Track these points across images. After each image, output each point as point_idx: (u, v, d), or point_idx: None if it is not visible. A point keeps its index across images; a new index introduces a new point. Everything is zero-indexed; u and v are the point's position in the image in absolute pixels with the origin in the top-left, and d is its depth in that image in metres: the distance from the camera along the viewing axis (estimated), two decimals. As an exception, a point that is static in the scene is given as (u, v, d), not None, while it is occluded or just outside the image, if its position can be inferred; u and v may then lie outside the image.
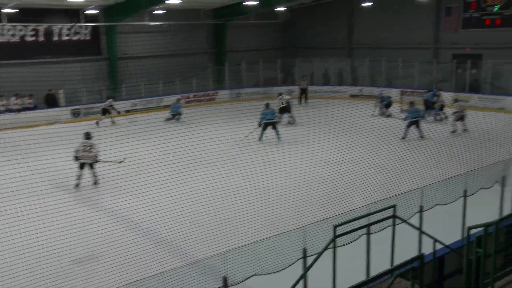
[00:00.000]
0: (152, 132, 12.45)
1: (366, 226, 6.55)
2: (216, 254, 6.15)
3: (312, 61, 31.36)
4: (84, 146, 13.56)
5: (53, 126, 21.42)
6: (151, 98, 27.03)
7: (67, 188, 12.96)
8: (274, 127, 18.14)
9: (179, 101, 24.47)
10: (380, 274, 5.31)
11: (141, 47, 27.11)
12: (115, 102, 23.68)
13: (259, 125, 18.13)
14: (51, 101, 24.97)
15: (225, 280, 5.73)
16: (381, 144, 16.32)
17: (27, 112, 23.14)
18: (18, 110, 23.19)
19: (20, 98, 23.50)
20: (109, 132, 11.04)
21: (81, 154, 13.45)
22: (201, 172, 12.36)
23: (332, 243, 5.97)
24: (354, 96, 28.55)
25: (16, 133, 14.76)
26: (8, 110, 23.10)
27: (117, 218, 10.75)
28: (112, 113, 23.06)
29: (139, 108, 26.14)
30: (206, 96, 29.25)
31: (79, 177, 13.33)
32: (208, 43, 31.98)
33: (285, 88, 28.63)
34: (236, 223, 10.18)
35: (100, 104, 23.98)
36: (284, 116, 20.99)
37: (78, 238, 9.25)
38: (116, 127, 21.44)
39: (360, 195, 11.06)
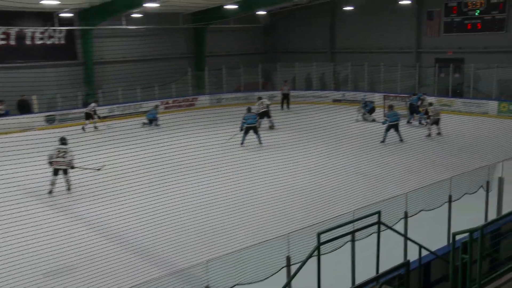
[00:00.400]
0: (130, 139, 12.32)
1: (351, 233, 6.54)
2: (198, 263, 6.09)
3: (294, 65, 31.49)
4: (58, 151, 13.44)
5: (27, 133, 21.10)
6: (129, 104, 26.85)
7: (40, 196, 12.75)
8: (256, 132, 18.43)
9: (157, 107, 24.55)
10: (366, 282, 5.30)
11: (118, 52, 26.91)
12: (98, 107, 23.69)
13: (241, 129, 18.36)
14: (24, 107, 24.59)
15: (207, 290, 5.69)
16: (365, 149, 16.44)
17: (-1, 118, 22.81)
18: (-11, 117, 22.85)
19: (-10, 104, 23.16)
20: (87, 138, 10.90)
21: (55, 160, 13.33)
22: (181, 179, 12.26)
23: (317, 251, 5.95)
24: (337, 101, 28.71)
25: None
26: (-22, 117, 22.75)
27: (93, 227, 10.59)
28: (95, 118, 23.11)
29: (116, 114, 25.92)
30: (185, 101, 29.14)
31: (52, 183, 13.20)
32: (187, 48, 31.89)
33: (266, 93, 28.71)
34: (218, 231, 10.14)
35: (82, 109, 23.99)
36: (263, 121, 21.16)
37: (52, 248, 9.05)
38: (96, 133, 21.26)
39: (344, 201, 11.08)
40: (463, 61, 26.06)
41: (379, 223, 6.64)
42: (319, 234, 5.92)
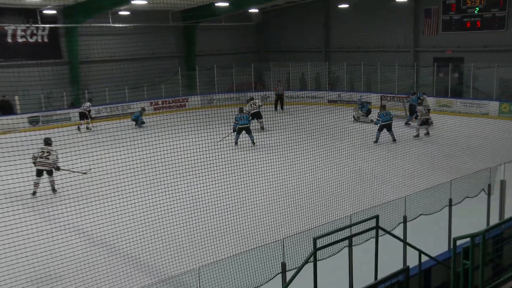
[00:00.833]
0: (118, 141, 12.27)
1: (348, 238, 6.54)
2: (190, 270, 6.06)
3: (288, 65, 31.52)
4: (42, 152, 13.49)
5: (9, 135, 20.93)
6: (116, 105, 26.77)
7: (24, 201, 12.65)
8: (248, 132, 18.71)
9: (144, 110, 24.85)
10: (364, 289, 5.30)
11: (105, 51, 26.75)
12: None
13: (234, 130, 18.70)
14: (5, 108, 24.45)
15: (199, 297, 5.66)
16: (362, 151, 16.46)
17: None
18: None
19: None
20: (75, 140, 10.84)
21: (39, 161, 13.39)
22: (172, 182, 12.22)
23: (313, 256, 5.94)
24: (332, 101, 28.75)
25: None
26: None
27: (80, 232, 10.53)
28: (89, 119, 23.46)
29: (104, 115, 25.84)
30: (176, 102, 29.11)
31: (36, 185, 13.24)
32: (177, 47, 31.84)
33: (260, 94, 28.73)
34: (211, 236, 10.10)
35: (76, 110, 24.29)
36: (253, 122, 21.27)
37: (36, 255, 8.98)
38: (88, 134, 21.25)
39: (341, 205, 11.09)
40: (462, 60, 26.18)
41: (377, 227, 6.64)
42: (315, 239, 5.90)
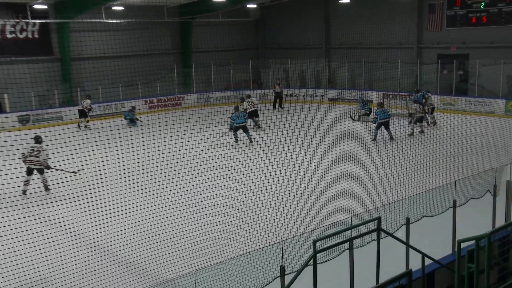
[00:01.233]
0: (111, 141, 12.26)
1: (349, 240, 6.53)
2: (186, 273, 6.05)
3: (287, 62, 31.52)
4: (32, 150, 13.62)
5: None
6: (110, 103, 26.74)
7: (13, 202, 12.61)
8: (245, 131, 19.03)
9: (134, 109, 24.95)
10: (365, 293, 5.30)
11: (98, 47, 26.72)
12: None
13: (230, 129, 18.99)
14: (-5, 107, 24.46)
15: (195, 302, 5.64)
16: (363, 151, 16.46)
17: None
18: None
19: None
20: (67, 139, 10.82)
21: (29, 159, 13.52)
22: (167, 183, 12.21)
23: (312, 259, 5.93)
24: (333, 99, 28.78)
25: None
26: None
27: (72, 235, 10.51)
28: (88, 117, 23.81)
29: (97, 114, 25.82)
30: (171, 100, 29.09)
31: (26, 183, 13.35)
32: (172, 43, 31.81)
33: (258, 92, 28.75)
34: (207, 239, 10.10)
35: (76, 107, 24.44)
36: (248, 120, 21.45)
37: (26, 258, 8.96)
38: (81, 133, 21.33)
39: (342, 206, 11.09)
40: (467, 57, 26.19)
41: (378, 229, 6.63)
42: (315, 241, 5.89)
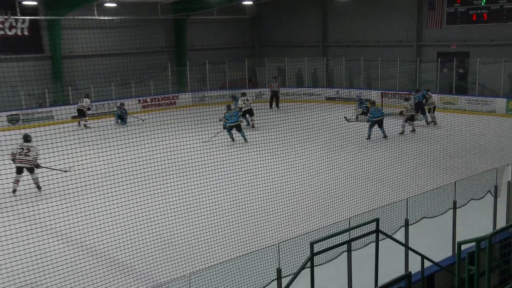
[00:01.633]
0: (104, 140, 12.25)
1: (347, 242, 6.54)
2: (180, 276, 6.05)
3: (284, 60, 31.52)
4: (21, 149, 13.74)
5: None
6: (102, 102, 26.69)
7: (2, 204, 12.60)
8: (239, 130, 19.24)
9: (123, 105, 25.04)
10: (364, 296, 5.31)
11: (90, 45, 26.67)
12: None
13: (224, 128, 19.17)
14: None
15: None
16: (361, 151, 16.48)
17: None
18: None
19: None
20: (57, 138, 10.79)
21: (18, 158, 13.67)
22: (161, 184, 12.21)
23: (310, 262, 5.94)
24: (330, 99, 28.80)
25: None
26: None
27: (64, 237, 10.48)
28: (87, 116, 24.05)
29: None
30: (165, 99, 29.06)
31: (17, 182, 13.56)
32: (166, 41, 31.77)
33: (255, 91, 28.74)
34: (202, 241, 10.09)
35: (67, 106, 24.98)
36: (241, 119, 21.69)
37: (16, 261, 8.95)
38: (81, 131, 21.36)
39: (339, 207, 11.10)
40: (468, 55, 26.25)
41: (377, 231, 6.64)
42: (312, 243, 5.90)
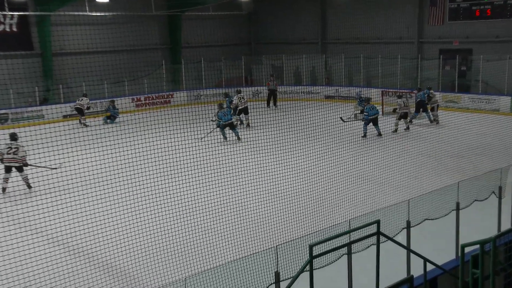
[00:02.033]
0: (96, 140, 12.21)
1: (347, 245, 6.53)
2: (175, 280, 6.03)
3: (281, 58, 31.50)
4: (9, 148, 13.92)
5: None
6: (94, 101, 26.61)
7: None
8: (232, 128, 19.48)
9: (113, 102, 25.31)
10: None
11: (81, 42, 26.57)
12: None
13: (218, 127, 19.38)
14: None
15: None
16: (361, 151, 16.48)
17: None
18: None
19: None
20: (48, 138, 10.75)
21: (6, 157, 13.87)
22: (154, 185, 12.18)
23: (309, 265, 5.92)
24: (329, 97, 28.78)
25: None
26: None
27: (55, 240, 10.45)
28: (85, 115, 24.28)
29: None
30: (160, 98, 29.04)
31: (6, 181, 13.81)
32: (161, 38, 31.76)
33: (252, 89, 28.73)
34: (197, 244, 10.06)
35: (72, 104, 25.25)
36: (236, 117, 21.95)
37: (4, 265, 8.91)
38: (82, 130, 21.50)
39: (339, 209, 11.09)
40: (470, 52, 26.27)
41: (378, 233, 6.63)
42: (312, 246, 5.89)
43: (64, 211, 10.24)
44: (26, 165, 13.91)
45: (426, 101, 21.62)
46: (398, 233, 7.63)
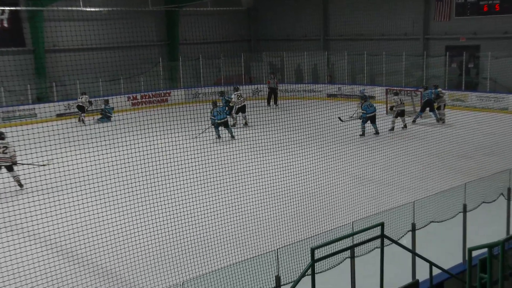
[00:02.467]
0: (91, 139, 12.22)
1: (350, 248, 6.53)
2: (173, 285, 6.02)
3: (282, 55, 31.49)
4: None
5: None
6: (90, 99, 26.62)
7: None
8: (226, 126, 19.79)
9: (108, 102, 25.48)
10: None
11: (76, 38, 26.56)
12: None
13: (213, 125, 19.68)
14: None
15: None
16: (364, 151, 16.47)
17: None
18: None
19: None
20: (41, 137, 10.75)
21: None
22: (151, 186, 12.17)
23: (310, 269, 5.92)
24: (332, 95, 28.76)
25: None
26: None
27: (48, 243, 10.44)
28: (85, 112, 24.65)
29: (74, 111, 25.69)
30: (157, 96, 29.06)
31: None
32: (158, 34, 31.76)
33: (252, 87, 28.74)
34: (196, 247, 10.05)
35: (65, 102, 25.83)
36: (234, 116, 22.21)
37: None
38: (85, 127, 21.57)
39: (342, 211, 11.08)
40: (478, 48, 26.25)
41: (382, 236, 6.63)
42: (313, 249, 5.89)
43: (57, 211, 10.22)
44: (15, 163, 14.02)
45: (434, 100, 21.60)
46: (403, 236, 7.61)
